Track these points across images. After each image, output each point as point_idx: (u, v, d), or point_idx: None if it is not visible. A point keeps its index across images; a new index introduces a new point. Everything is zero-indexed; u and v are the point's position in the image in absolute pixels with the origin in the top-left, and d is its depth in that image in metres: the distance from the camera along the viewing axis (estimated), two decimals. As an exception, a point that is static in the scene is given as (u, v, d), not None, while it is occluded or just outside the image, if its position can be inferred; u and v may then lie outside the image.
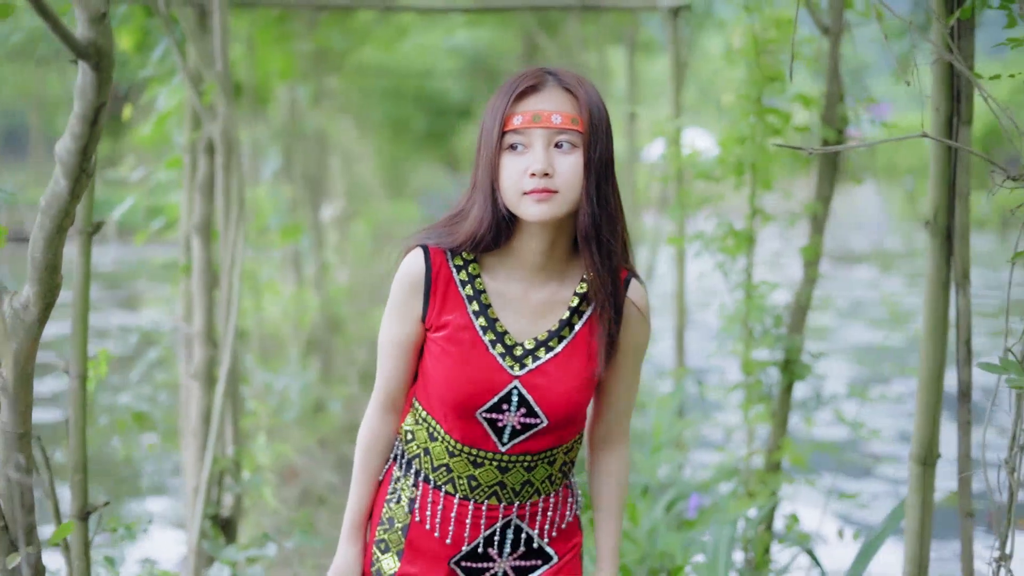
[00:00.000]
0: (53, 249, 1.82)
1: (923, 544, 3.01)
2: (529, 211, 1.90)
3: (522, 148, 1.91)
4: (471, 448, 2.03)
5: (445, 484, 2.06)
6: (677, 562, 3.41)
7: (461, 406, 1.99)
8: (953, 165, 2.93)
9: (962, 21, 2.86)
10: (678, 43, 4.69)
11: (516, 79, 1.95)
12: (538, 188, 1.88)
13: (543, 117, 1.90)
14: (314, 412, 6.77)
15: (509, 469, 2.04)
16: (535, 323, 2.03)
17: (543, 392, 2.00)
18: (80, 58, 1.56)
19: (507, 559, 2.11)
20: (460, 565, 2.09)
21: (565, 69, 2.00)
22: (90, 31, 1.54)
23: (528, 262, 2.01)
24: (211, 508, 3.76)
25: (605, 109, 1.97)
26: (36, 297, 1.87)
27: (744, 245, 3.78)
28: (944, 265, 2.95)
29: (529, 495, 2.08)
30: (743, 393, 3.82)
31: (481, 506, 2.06)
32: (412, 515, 2.09)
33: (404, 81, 13.54)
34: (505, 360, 2.00)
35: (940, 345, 2.96)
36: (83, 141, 1.66)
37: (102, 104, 1.62)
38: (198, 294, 3.91)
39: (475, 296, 2.01)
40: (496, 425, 2.01)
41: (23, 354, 1.92)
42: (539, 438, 2.03)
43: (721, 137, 3.86)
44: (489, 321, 2.00)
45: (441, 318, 2.01)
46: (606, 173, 1.94)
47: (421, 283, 2.01)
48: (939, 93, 2.90)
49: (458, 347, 1.99)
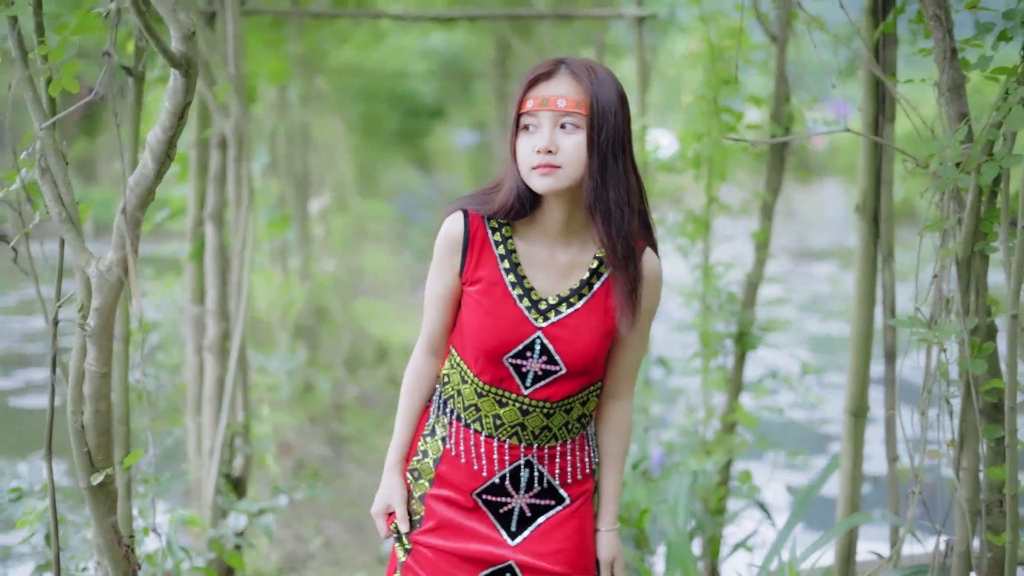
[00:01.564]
0: (135, 222, 2.24)
1: (855, 484, 3.49)
2: (536, 183, 2.17)
3: (533, 128, 2.18)
4: (497, 389, 2.29)
5: (474, 422, 2.31)
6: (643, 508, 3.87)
7: (491, 351, 2.26)
8: (879, 158, 3.40)
9: (886, 34, 3.33)
10: (642, 49, 5.15)
11: (533, 68, 2.22)
12: (543, 163, 2.15)
13: (550, 101, 2.15)
14: (303, 393, 7.21)
15: (530, 412, 2.28)
16: (559, 281, 2.29)
17: (563, 343, 2.25)
18: (174, 67, 1.99)
19: (523, 496, 2.33)
20: (481, 497, 2.32)
21: (581, 59, 2.24)
22: (182, 46, 1.97)
23: (552, 228, 2.27)
24: (224, 467, 4.18)
25: (617, 94, 2.19)
26: (118, 261, 2.29)
27: (702, 230, 4.25)
28: (872, 244, 3.42)
29: (547, 439, 2.31)
30: (701, 362, 4.29)
31: (504, 444, 2.30)
32: (445, 447, 2.35)
33: (377, 82, 13.92)
34: (531, 313, 2.26)
35: (868, 312, 3.43)
36: (171, 132, 2.08)
37: (187, 103, 2.05)
38: (211, 275, 4.32)
39: (506, 256, 2.28)
40: (520, 370, 2.27)
41: (106, 308, 2.33)
42: (558, 385, 2.28)
43: (681, 134, 4.32)
44: (518, 278, 2.27)
45: (476, 273, 2.28)
46: (613, 152, 2.17)
47: (460, 242, 2.28)
48: (867, 95, 3.37)
49: (490, 299, 2.26)
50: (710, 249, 4.30)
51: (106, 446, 2.45)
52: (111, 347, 2.39)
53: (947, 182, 2.47)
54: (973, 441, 2.69)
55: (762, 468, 5.33)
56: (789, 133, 4.20)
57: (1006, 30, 2.51)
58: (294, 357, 7.10)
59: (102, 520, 2.47)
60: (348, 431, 7.07)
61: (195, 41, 1.96)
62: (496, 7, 8.03)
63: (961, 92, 2.66)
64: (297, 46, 7.15)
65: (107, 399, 2.42)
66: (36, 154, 2.35)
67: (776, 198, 4.25)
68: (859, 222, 3.41)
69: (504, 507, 2.34)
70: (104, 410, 2.42)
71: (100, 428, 2.42)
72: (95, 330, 2.34)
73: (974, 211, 2.59)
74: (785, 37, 4.14)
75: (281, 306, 7.47)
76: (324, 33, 7.92)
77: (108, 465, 2.43)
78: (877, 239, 3.42)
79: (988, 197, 2.60)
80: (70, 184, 2.37)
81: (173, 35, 1.97)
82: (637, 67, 5.16)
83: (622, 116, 2.19)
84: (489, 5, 8.06)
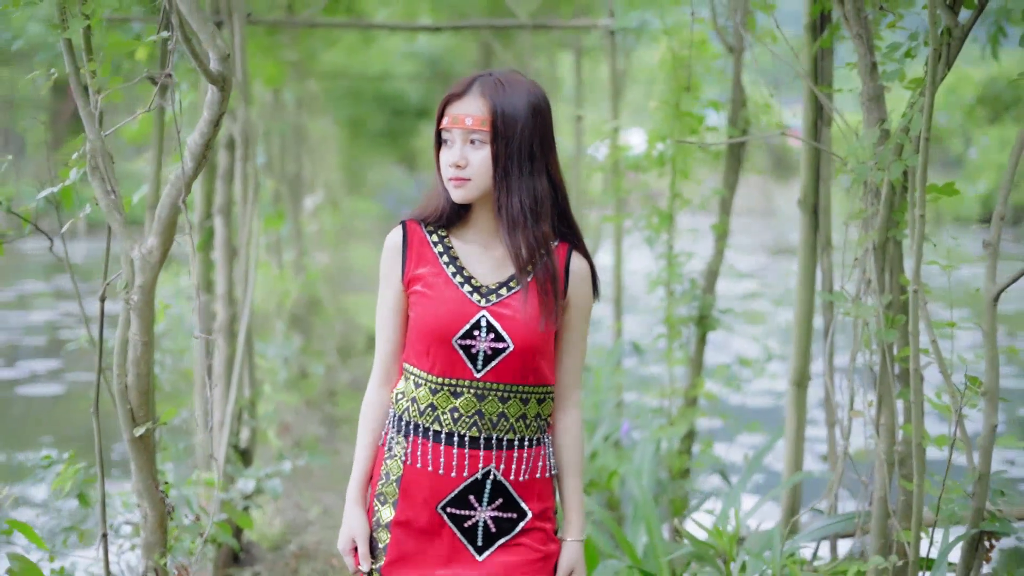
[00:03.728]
0: (174, 212, 2.66)
1: (798, 448, 3.92)
2: (452, 194, 2.37)
3: (449, 143, 2.37)
4: (451, 379, 2.37)
5: (432, 424, 2.38)
6: (611, 471, 4.31)
7: (440, 334, 2.36)
8: (817, 157, 3.83)
9: (823, 48, 3.76)
10: (614, 58, 5.60)
11: (450, 87, 2.40)
12: (455, 176, 2.35)
13: (459, 119, 2.33)
14: (299, 379, 7.65)
15: (485, 397, 2.36)
16: (496, 271, 2.42)
17: (507, 320, 2.36)
18: (212, 83, 2.41)
19: (487, 508, 2.39)
20: (446, 511, 2.38)
21: (497, 74, 2.39)
22: (219, 66, 2.39)
23: (484, 227, 2.43)
24: (232, 439, 4.59)
25: (528, 106, 2.34)
26: (158, 245, 2.70)
27: (666, 223, 4.69)
28: (812, 233, 3.86)
29: (505, 430, 2.38)
30: (665, 342, 4.73)
31: (464, 450, 2.37)
32: (405, 464, 2.41)
33: (363, 83, 14.32)
34: (473, 296, 2.38)
35: (809, 294, 3.87)
36: (207, 137, 2.50)
37: (222, 113, 2.47)
38: (221, 264, 4.73)
39: (445, 252, 2.43)
40: (470, 351, 2.36)
41: (148, 285, 2.74)
42: (508, 364, 2.36)
43: (648, 135, 4.76)
44: (457, 268, 2.41)
45: (416, 271, 2.42)
46: (519, 163, 2.33)
47: (399, 247, 2.44)
48: (806, 102, 3.80)
49: (433, 289, 2.39)
50: (674, 240, 4.74)
51: (145, 405, 2.86)
52: (152, 319, 2.81)
53: (859, 178, 2.92)
54: (889, 401, 3.13)
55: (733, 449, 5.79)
56: (745, 135, 4.63)
57: (910, 48, 2.94)
58: (289, 344, 7.52)
59: (142, 468, 2.89)
60: (341, 413, 7.53)
61: (230, 62, 2.38)
62: (479, 15, 8.47)
63: (880, 101, 3.10)
64: (291, 51, 7.57)
65: (148, 364, 2.84)
66: (87, 156, 2.77)
67: (733, 194, 4.68)
68: (801, 214, 3.84)
69: (469, 520, 2.40)
70: (144, 373, 2.83)
71: (141, 389, 2.84)
72: (138, 304, 2.76)
73: (888, 203, 3.03)
74: (741, 48, 4.57)
75: (276, 297, 7.89)
76: (316, 38, 8.33)
77: (147, 420, 2.85)
78: (817, 229, 3.85)
79: (900, 191, 3.05)
80: (116, 180, 2.78)
81: (211, 57, 2.39)
82: (609, 75, 5.60)
83: (531, 127, 2.34)
84: (472, 12, 8.50)
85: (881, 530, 3.11)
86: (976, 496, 2.78)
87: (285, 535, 5.03)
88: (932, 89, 2.72)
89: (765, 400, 7.93)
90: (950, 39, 2.75)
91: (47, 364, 9.81)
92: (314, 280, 8.85)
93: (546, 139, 2.38)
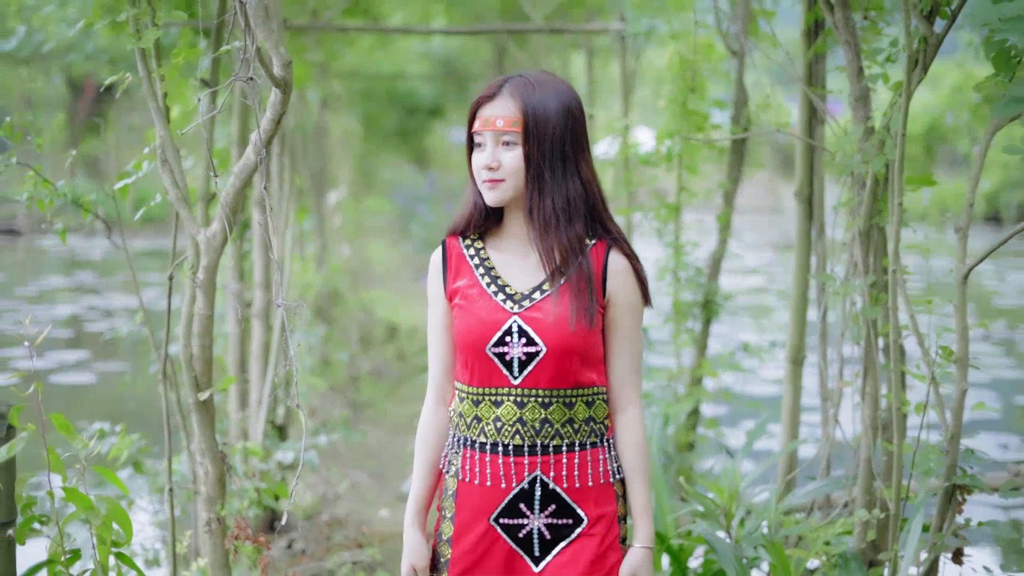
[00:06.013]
0: (237, 199, 3.01)
1: (794, 418, 4.26)
2: (486, 197, 2.39)
3: (481, 146, 2.38)
4: (490, 389, 2.39)
5: (478, 436, 2.40)
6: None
7: (473, 344, 2.38)
8: (811, 152, 4.16)
9: (818, 53, 4.09)
10: (625, 60, 5.95)
11: (480, 90, 2.42)
12: (489, 179, 2.36)
13: (490, 122, 2.35)
14: (323, 366, 8.01)
15: (526, 403, 2.37)
16: (531, 277, 2.42)
17: (538, 323, 2.35)
18: (275, 86, 2.75)
19: (539, 516, 2.39)
20: (499, 523, 2.40)
21: (527, 75, 2.40)
22: (282, 71, 2.73)
23: (518, 232, 2.44)
24: (270, 415, 4.95)
25: (561, 106, 2.35)
26: (221, 230, 3.05)
27: (673, 214, 5.03)
28: (807, 222, 4.19)
29: (550, 436, 2.37)
30: (673, 326, 5.07)
31: (510, 458, 2.37)
32: (459, 479, 2.43)
33: (378, 83, 14.67)
34: (505, 303, 2.39)
35: (804, 278, 4.20)
36: (270, 134, 2.84)
37: (283, 113, 2.81)
38: (258, 252, 5.09)
39: (480, 263, 2.46)
40: (504, 358, 2.36)
41: (211, 266, 3.09)
42: (544, 368, 2.35)
43: (657, 133, 5.10)
44: (492, 278, 2.43)
45: (455, 284, 2.46)
46: (551, 163, 2.33)
47: (440, 267, 2.49)
48: (802, 102, 4.13)
49: (468, 300, 2.42)
50: (680, 230, 5.08)
51: (208, 372, 3.21)
52: (215, 295, 3.16)
53: (844, 170, 3.26)
54: (874, 372, 3.47)
55: (737, 435, 6.13)
56: (748, 132, 4.97)
57: (891, 54, 3.28)
58: (313, 333, 7.88)
59: (204, 429, 3.23)
60: (363, 398, 7.93)
61: (291, 68, 2.73)
62: (494, 16, 8.82)
63: (867, 101, 3.43)
64: (315, 53, 7.93)
65: (211, 335, 3.19)
66: (157, 151, 3.12)
67: (736, 187, 5.02)
68: (797, 204, 4.18)
69: (522, 530, 2.40)
70: (207, 344, 3.18)
71: (204, 358, 3.19)
72: (203, 282, 3.11)
73: (871, 193, 3.37)
74: (743, 51, 4.91)
75: (299, 288, 8.24)
76: (336, 40, 8.69)
77: (210, 386, 3.20)
78: (811, 218, 4.19)
79: (883, 182, 3.38)
80: (183, 173, 3.14)
81: (275, 62, 2.74)
82: (620, 75, 5.95)
83: (563, 127, 2.34)
84: (487, 13, 8.85)
85: (866, 488, 3.45)
86: (949, 453, 3.11)
87: (317, 506, 5.40)
88: (908, 91, 3.05)
89: (771, 389, 8.25)
90: (926, 46, 3.08)
91: (76, 355, 10.21)
92: (336, 272, 9.22)
93: (578, 139, 2.38)
